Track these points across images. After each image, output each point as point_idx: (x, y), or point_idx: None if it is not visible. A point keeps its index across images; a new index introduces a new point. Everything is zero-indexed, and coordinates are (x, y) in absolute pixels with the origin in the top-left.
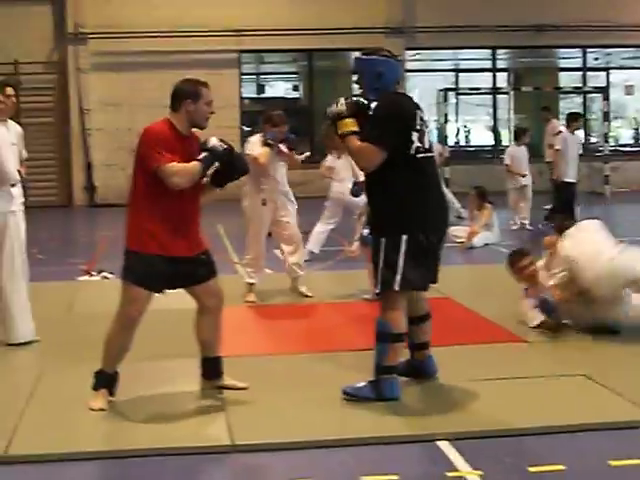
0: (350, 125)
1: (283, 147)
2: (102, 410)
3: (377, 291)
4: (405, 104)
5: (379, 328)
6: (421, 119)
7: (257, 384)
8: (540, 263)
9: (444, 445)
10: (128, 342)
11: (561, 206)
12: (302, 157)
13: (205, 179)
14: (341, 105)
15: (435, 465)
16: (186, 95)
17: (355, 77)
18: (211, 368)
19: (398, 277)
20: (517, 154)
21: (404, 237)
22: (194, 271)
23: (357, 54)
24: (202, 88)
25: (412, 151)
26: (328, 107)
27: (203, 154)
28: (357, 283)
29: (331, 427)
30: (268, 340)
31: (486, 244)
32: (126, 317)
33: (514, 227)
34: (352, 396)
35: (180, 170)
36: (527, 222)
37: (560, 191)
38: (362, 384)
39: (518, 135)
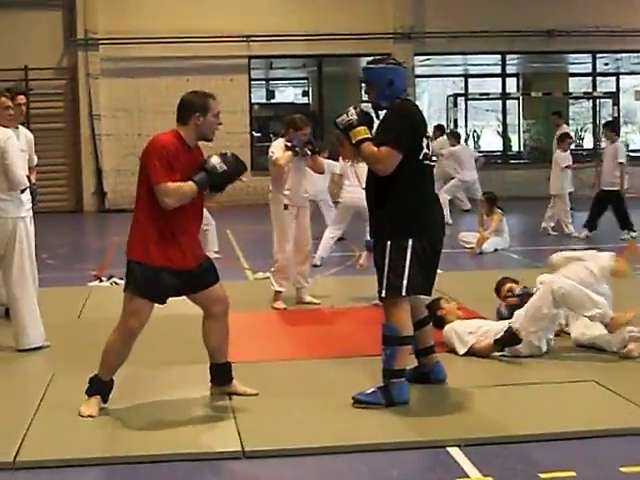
0: (363, 133)
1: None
2: (91, 417)
3: (383, 296)
4: (417, 111)
5: (386, 332)
6: (427, 128)
7: (267, 390)
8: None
9: (454, 451)
10: (127, 352)
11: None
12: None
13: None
14: (351, 115)
15: (445, 471)
16: (195, 108)
17: (364, 86)
18: (220, 374)
19: (405, 282)
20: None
21: (410, 241)
22: (198, 280)
23: (365, 64)
24: (210, 100)
25: (421, 157)
26: (337, 117)
27: (200, 174)
28: (367, 288)
29: (341, 433)
30: (278, 346)
31: (496, 249)
32: (127, 328)
33: (577, 233)
34: (363, 403)
35: (174, 192)
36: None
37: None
38: (372, 390)
39: (563, 140)
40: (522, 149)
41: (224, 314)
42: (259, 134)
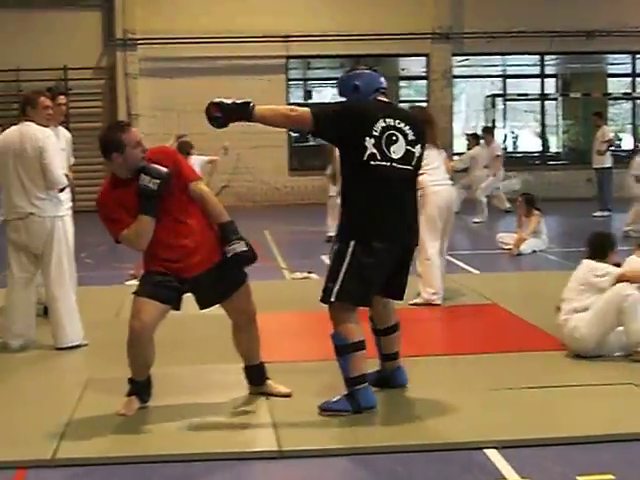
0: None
1: None
2: (123, 415)
3: (319, 299)
4: (368, 109)
5: (336, 342)
6: (390, 127)
7: (304, 389)
8: None
9: (491, 453)
10: (142, 355)
11: None
12: None
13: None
14: (224, 98)
15: (482, 473)
16: (111, 149)
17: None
18: (254, 375)
19: (336, 288)
20: None
21: (351, 244)
22: (211, 291)
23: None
24: (124, 135)
25: (364, 157)
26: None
27: (142, 204)
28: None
29: (378, 434)
30: (315, 345)
31: (534, 251)
32: (129, 330)
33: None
34: (329, 412)
35: (134, 236)
36: None
37: None
38: (338, 398)
39: None
40: (561, 150)
41: (249, 323)
42: (296, 134)
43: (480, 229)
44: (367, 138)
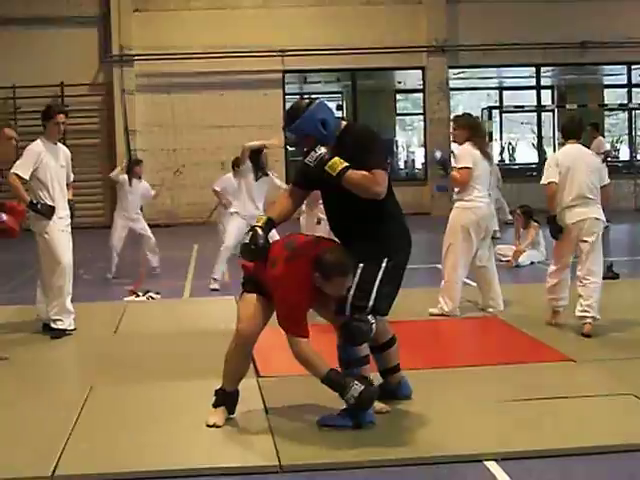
0: (340, 162)
1: None
2: (216, 426)
3: (347, 313)
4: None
5: (344, 356)
6: None
7: (304, 404)
8: None
9: (491, 465)
10: (241, 364)
11: None
12: None
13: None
14: (320, 150)
15: None
16: None
17: (302, 144)
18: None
19: (370, 303)
20: None
21: (385, 261)
22: None
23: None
24: None
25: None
26: (304, 158)
27: None
28: (415, 301)
29: (378, 447)
30: None
31: (532, 262)
32: (238, 335)
33: None
34: (329, 427)
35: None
36: None
37: None
38: (337, 413)
39: None
40: None
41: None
42: (293, 148)
43: None
44: (389, 159)
